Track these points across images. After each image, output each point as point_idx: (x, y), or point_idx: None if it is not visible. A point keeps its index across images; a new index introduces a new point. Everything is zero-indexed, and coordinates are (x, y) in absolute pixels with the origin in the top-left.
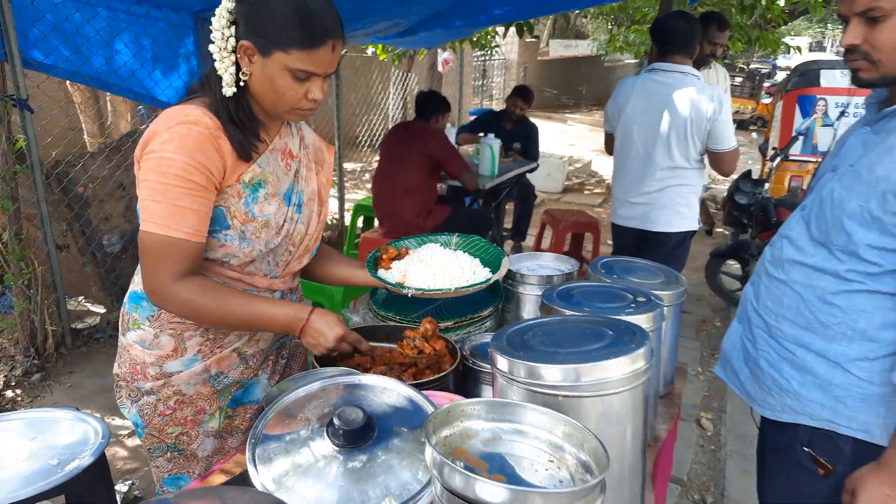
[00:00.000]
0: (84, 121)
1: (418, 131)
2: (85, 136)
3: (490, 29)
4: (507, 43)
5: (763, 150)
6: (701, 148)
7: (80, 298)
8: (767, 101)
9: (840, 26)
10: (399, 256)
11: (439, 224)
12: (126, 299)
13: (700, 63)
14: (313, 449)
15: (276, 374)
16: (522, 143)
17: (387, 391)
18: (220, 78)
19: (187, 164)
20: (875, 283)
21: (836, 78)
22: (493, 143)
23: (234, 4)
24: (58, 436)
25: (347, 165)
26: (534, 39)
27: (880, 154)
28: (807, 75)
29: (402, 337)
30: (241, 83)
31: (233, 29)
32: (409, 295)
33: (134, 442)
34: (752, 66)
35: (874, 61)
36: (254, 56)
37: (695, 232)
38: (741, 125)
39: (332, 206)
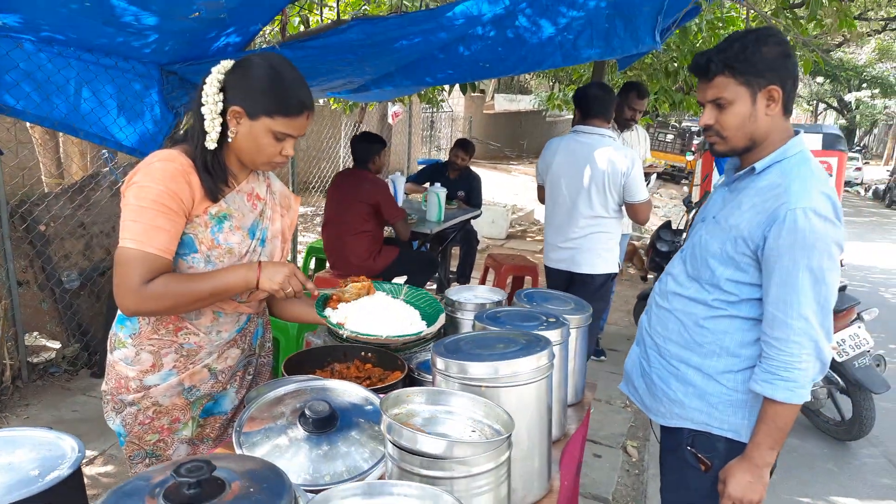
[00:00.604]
0: (43, 162)
1: (358, 180)
2: (43, 177)
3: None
4: (455, 97)
5: (686, 203)
6: (618, 199)
7: (35, 334)
8: (691, 157)
9: None
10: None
11: (388, 265)
12: (115, 322)
13: (623, 125)
14: (289, 434)
15: (243, 389)
16: (466, 191)
17: (347, 392)
18: (204, 133)
19: (162, 191)
20: (734, 309)
21: None
22: (440, 191)
23: (223, 76)
24: (36, 451)
25: (300, 209)
26: (479, 94)
27: (732, 208)
28: None
29: (357, 356)
30: (224, 139)
31: (221, 95)
32: (344, 336)
33: (91, 470)
34: (684, 123)
35: (723, 137)
36: (241, 118)
37: (616, 274)
38: (674, 178)
39: None
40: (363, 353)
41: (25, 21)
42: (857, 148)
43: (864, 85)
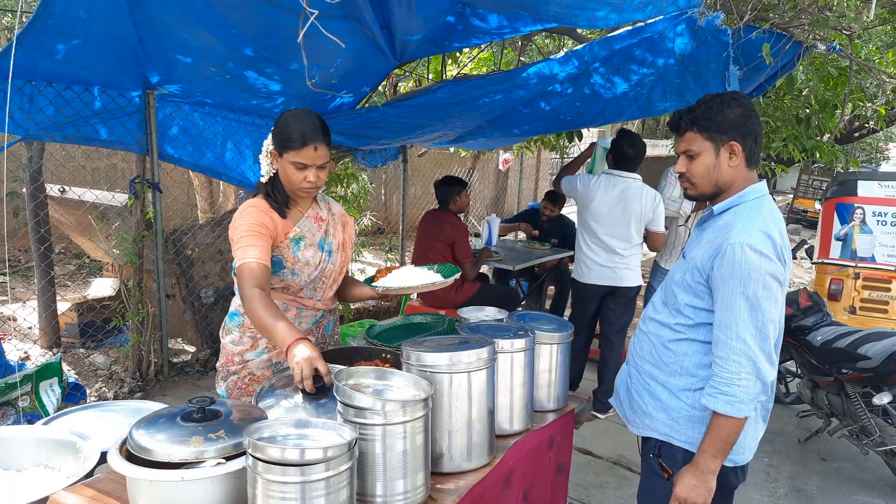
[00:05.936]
0: (199, 199)
1: (439, 221)
2: (199, 212)
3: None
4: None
5: (808, 252)
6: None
7: (178, 339)
8: (819, 205)
9: None
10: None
11: (469, 297)
12: (227, 317)
13: None
14: (293, 399)
15: None
16: (560, 239)
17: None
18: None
19: (252, 224)
20: (692, 332)
21: (872, 188)
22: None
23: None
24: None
25: (410, 246)
26: None
27: (696, 244)
28: (845, 185)
29: (379, 356)
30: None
31: (272, 144)
32: (379, 291)
33: None
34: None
35: (693, 183)
36: (276, 158)
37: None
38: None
39: None
40: (384, 355)
41: (184, 90)
42: None
43: None
